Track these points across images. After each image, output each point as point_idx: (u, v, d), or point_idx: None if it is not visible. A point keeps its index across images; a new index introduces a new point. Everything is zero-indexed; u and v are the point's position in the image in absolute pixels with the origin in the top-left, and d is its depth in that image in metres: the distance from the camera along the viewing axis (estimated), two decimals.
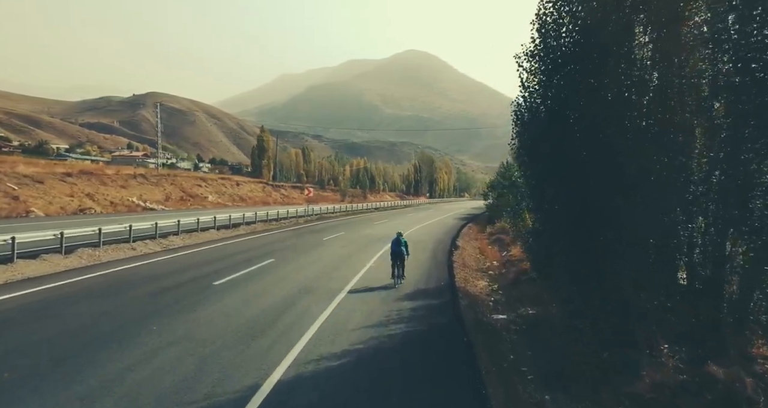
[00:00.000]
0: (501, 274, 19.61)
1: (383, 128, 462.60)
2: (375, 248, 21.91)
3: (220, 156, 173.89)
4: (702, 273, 7.77)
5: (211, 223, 27.47)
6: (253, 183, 66.60)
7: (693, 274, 7.95)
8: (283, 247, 21.20)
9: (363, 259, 18.41)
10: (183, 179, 52.21)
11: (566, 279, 9.99)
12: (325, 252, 20.12)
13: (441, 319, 10.71)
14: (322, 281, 13.74)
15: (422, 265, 17.94)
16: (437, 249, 23.23)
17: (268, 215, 34.94)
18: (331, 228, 32.44)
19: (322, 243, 23.21)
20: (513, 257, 21.74)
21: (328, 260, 17.82)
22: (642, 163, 8.28)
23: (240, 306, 10.48)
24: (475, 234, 35.36)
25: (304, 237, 25.94)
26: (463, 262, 20.82)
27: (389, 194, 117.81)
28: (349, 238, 26.08)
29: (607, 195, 8.67)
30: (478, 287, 16.40)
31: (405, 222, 39.94)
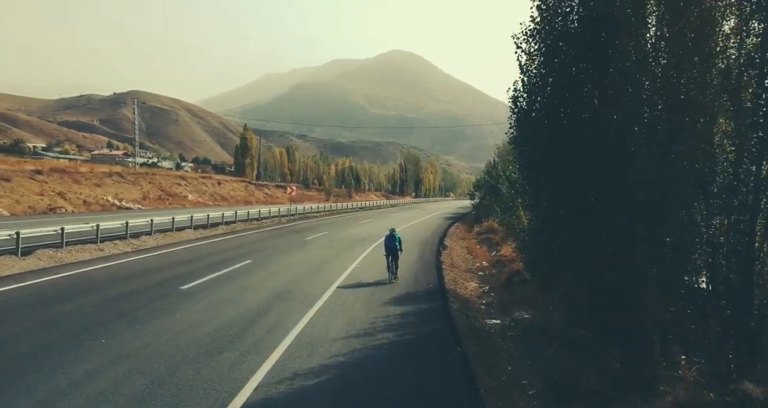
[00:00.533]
0: (492, 274, 18.73)
1: (369, 126, 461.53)
2: (359, 249, 20.87)
3: (204, 155, 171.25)
4: (726, 275, 6.89)
5: (187, 222, 26.15)
6: (235, 182, 65.03)
7: (716, 276, 7.07)
8: (263, 248, 20.03)
9: (347, 261, 17.35)
10: (162, 178, 50.54)
11: (570, 282, 9.12)
12: (307, 253, 19.00)
13: (431, 326, 9.72)
14: (301, 285, 12.65)
15: (410, 266, 16.95)
16: (425, 249, 22.27)
17: (248, 214, 33.64)
18: (314, 227, 31.31)
19: (304, 243, 22.09)
20: (503, 257, 20.87)
21: (309, 261, 16.71)
22: (655, 152, 7.41)
23: (207, 313, 9.35)
24: (463, 233, 34.53)
25: (286, 237, 24.78)
26: (451, 263, 19.90)
27: (375, 194, 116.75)
28: (332, 238, 24.99)
29: (615, 186, 7.78)
30: (468, 289, 15.48)
31: (390, 222, 38.92)
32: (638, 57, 7.55)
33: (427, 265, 17.77)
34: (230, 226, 29.58)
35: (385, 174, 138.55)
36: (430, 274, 16.08)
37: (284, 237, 24.69)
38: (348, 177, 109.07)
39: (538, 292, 13.84)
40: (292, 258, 17.42)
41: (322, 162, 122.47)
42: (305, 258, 17.55)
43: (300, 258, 17.50)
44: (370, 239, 24.71)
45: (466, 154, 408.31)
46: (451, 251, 23.64)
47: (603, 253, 8.15)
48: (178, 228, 25.09)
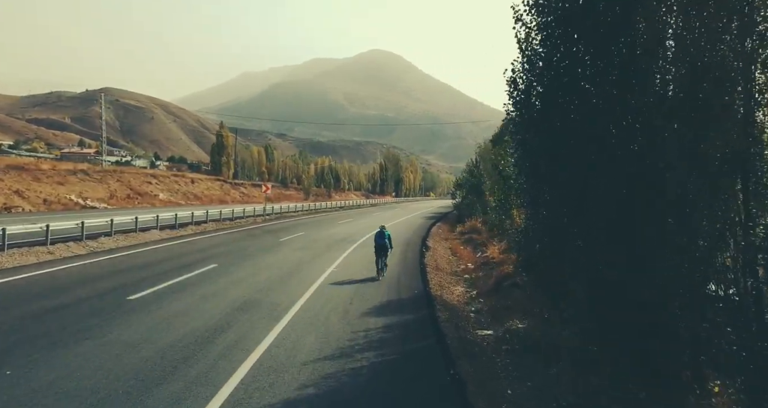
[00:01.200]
0: (479, 278, 17.54)
1: (349, 124, 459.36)
2: (338, 250, 19.47)
3: (180, 154, 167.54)
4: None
5: (153, 222, 24.39)
6: (210, 181, 62.89)
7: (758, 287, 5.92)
8: (232, 250, 18.47)
9: (323, 264, 15.92)
10: (131, 176, 48.28)
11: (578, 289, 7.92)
12: (281, 255, 17.52)
13: (418, 342, 8.41)
14: (270, 293, 11.20)
15: (392, 270, 15.63)
16: (407, 251, 20.98)
17: (221, 214, 31.93)
18: (290, 228, 29.77)
19: (278, 244, 20.58)
20: (490, 259, 19.71)
21: (282, 265, 15.24)
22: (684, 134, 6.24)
23: (152, 331, 7.85)
24: (446, 233, 33.41)
25: (260, 238, 23.23)
26: (436, 265, 18.66)
27: (355, 193, 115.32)
28: (309, 238, 23.52)
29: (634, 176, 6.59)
30: (455, 294, 14.25)
31: (371, 222, 37.59)
32: (661, 20, 6.38)
33: (410, 269, 16.48)
34: (201, 227, 27.88)
35: (365, 173, 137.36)
36: (415, 277, 14.80)
37: (257, 238, 23.13)
38: (327, 176, 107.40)
39: (531, 298, 12.69)
40: (264, 261, 15.91)
41: (301, 161, 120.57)
42: (278, 261, 16.07)
43: (272, 261, 16.00)
44: (350, 240, 23.34)
45: (446, 154, 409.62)
46: (434, 252, 22.44)
47: (614, 252, 6.96)
48: (143, 228, 23.36)
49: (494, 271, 17.64)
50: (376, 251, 14.34)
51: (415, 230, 31.66)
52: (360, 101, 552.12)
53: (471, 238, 29.58)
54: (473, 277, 17.71)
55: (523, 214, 11.12)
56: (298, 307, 9.91)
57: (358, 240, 23.31)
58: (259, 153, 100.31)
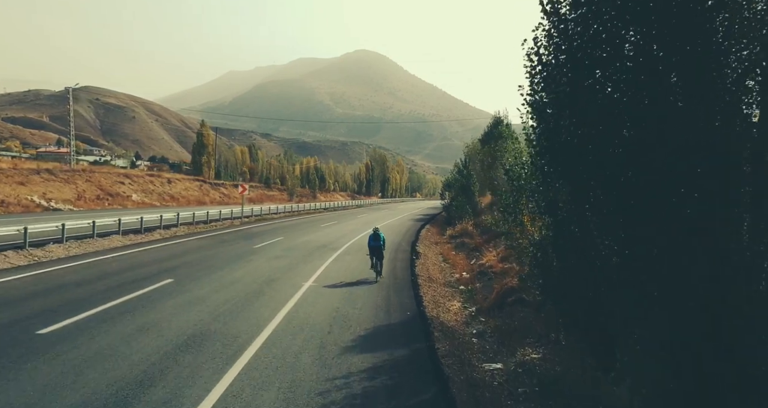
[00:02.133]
0: (476, 289, 15.59)
1: (335, 124, 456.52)
2: (319, 259, 17.35)
3: (163, 154, 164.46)
4: None
5: (114, 226, 22.04)
6: (188, 181, 60.19)
7: None
8: (196, 260, 16.21)
9: (300, 277, 13.79)
10: (102, 176, 45.52)
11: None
12: (252, 266, 15.30)
13: (415, 394, 6.36)
14: (229, 320, 9.05)
15: (381, 283, 13.60)
16: (396, 258, 18.95)
17: (194, 217, 29.59)
18: (269, 232, 27.55)
19: (251, 252, 18.35)
20: (487, 267, 17.77)
21: (251, 280, 13.05)
22: None
23: (47, 390, 5.67)
24: (435, 237, 31.50)
25: (232, 244, 20.99)
26: (428, 275, 16.67)
27: (340, 194, 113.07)
28: (287, 244, 21.33)
29: None
30: (452, 312, 12.27)
31: (356, 224, 35.52)
32: None
33: (400, 281, 14.42)
34: (170, 231, 25.54)
35: (351, 174, 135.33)
36: (406, 292, 12.77)
37: (229, 244, 20.88)
38: (313, 176, 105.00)
39: (541, 318, 10.76)
40: (230, 274, 13.69)
41: (286, 161, 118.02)
42: (247, 274, 13.87)
43: (240, 274, 13.78)
44: (332, 246, 21.23)
45: (432, 154, 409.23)
46: (425, 260, 20.46)
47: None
48: (103, 234, 21.02)
49: (493, 281, 15.73)
50: (371, 253, 14.26)
51: (404, 234, 29.66)
52: (346, 101, 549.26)
53: (463, 242, 27.74)
54: (470, 288, 15.76)
55: (537, 221, 9.21)
56: (261, 341, 7.78)
57: (341, 246, 21.22)
58: (243, 153, 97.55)
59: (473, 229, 31.64)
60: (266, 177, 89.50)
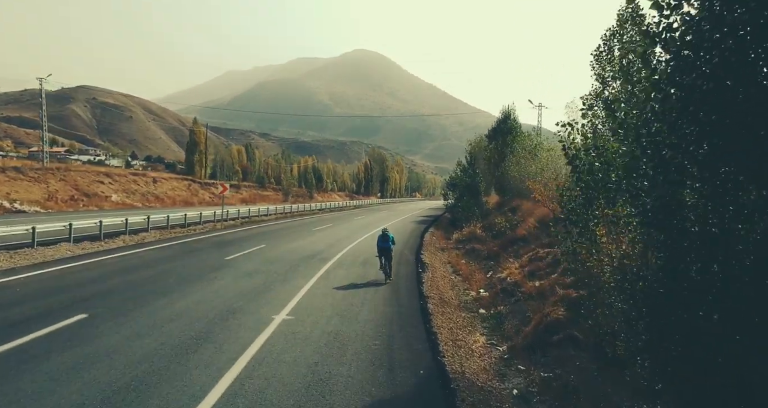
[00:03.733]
0: (500, 313, 12.26)
1: (334, 124, 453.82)
2: (303, 275, 13.89)
3: (160, 154, 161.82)
4: None
5: (65, 232, 18.67)
6: (175, 180, 56.74)
7: None
8: (142, 279, 12.71)
9: (272, 305, 10.29)
10: (78, 174, 42.06)
11: None
12: (212, 288, 11.79)
13: None
14: (150, 391, 5.71)
15: (382, 314, 10.16)
16: (400, 274, 15.50)
17: (168, 220, 26.20)
18: (252, 237, 24.14)
19: (219, 266, 14.88)
20: (517, 286, 14.36)
21: (201, 312, 9.51)
22: None
23: None
24: (441, 241, 28.14)
25: (200, 254, 17.54)
26: (439, 296, 13.27)
27: (338, 194, 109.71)
28: (269, 254, 17.89)
29: None
30: (476, 354, 8.89)
31: (353, 228, 32.13)
32: None
33: (406, 308, 11.00)
34: (138, 237, 22.17)
35: (349, 173, 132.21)
36: (414, 329, 9.34)
37: (198, 254, 17.43)
38: (310, 176, 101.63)
39: (617, 375, 7.40)
40: (176, 303, 10.14)
41: (283, 161, 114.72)
42: (200, 302, 10.32)
43: (190, 302, 10.23)
44: (323, 256, 17.84)
45: (431, 154, 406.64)
46: (433, 272, 17.05)
47: None
48: (49, 241, 17.66)
49: (523, 305, 12.39)
50: (380, 254, 13.82)
51: (406, 239, 26.27)
52: (345, 101, 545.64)
53: (473, 248, 24.40)
54: (493, 313, 12.39)
55: (623, 235, 5.90)
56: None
57: (332, 256, 17.82)
58: (239, 152, 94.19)
59: (482, 233, 28.36)
60: (260, 176, 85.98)
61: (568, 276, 12.83)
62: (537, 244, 18.61)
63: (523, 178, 32.06)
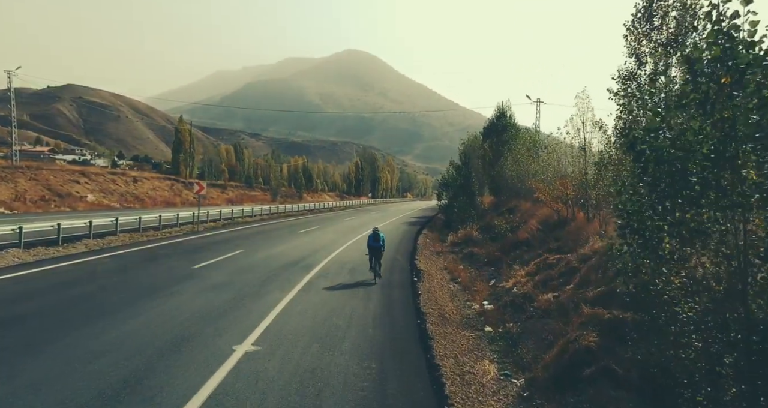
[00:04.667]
0: (509, 331, 10.43)
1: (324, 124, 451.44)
2: (280, 288, 11.88)
3: (147, 154, 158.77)
4: None
5: (13, 236, 16.56)
6: (158, 180, 54.43)
7: None
8: (90, 293, 10.64)
9: (235, 330, 8.26)
10: (51, 173, 39.70)
11: None
12: (167, 306, 9.70)
13: None
14: None
15: (371, 341, 8.21)
16: (393, 284, 13.59)
17: (140, 222, 24.11)
18: (230, 241, 22.15)
19: (183, 277, 12.81)
20: (528, 299, 12.51)
21: (141, 341, 7.43)
22: None
23: None
24: (436, 245, 26.30)
25: (170, 260, 15.53)
26: (438, 310, 11.42)
27: (328, 194, 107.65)
28: (245, 262, 15.88)
29: None
30: (488, 390, 7.05)
31: (341, 231, 30.24)
32: None
33: (400, 330, 9.08)
34: (104, 241, 20.11)
35: (340, 173, 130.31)
36: (413, 365, 7.40)
37: (163, 262, 15.37)
38: (299, 176, 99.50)
39: None
40: (119, 327, 8.03)
41: (273, 161, 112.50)
42: (150, 325, 8.27)
43: (137, 325, 8.19)
44: (306, 263, 15.90)
45: (422, 155, 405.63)
46: (429, 280, 15.19)
47: None
48: None
49: (536, 323, 10.60)
50: (370, 253, 13.81)
51: (399, 243, 24.40)
52: (336, 101, 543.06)
53: (471, 252, 22.63)
54: (501, 331, 10.56)
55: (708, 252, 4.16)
56: None
57: (317, 263, 15.89)
58: (228, 152, 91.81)
59: (479, 235, 26.65)
60: (248, 176, 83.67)
61: (588, 287, 11.05)
62: (544, 249, 16.84)
63: (522, 178, 30.44)
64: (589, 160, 16.93)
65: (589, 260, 12.53)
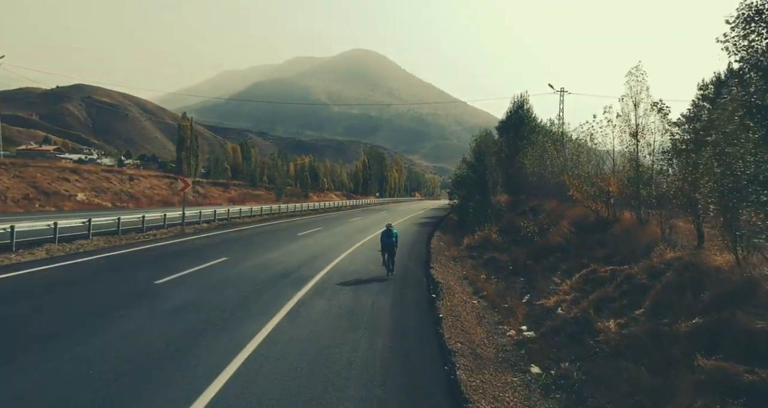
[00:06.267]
0: (567, 375, 7.61)
1: (331, 123, 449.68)
2: (263, 311, 8.99)
3: (156, 153, 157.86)
4: None
5: None
6: (156, 178, 51.99)
7: None
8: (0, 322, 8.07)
9: (183, 386, 5.49)
10: (38, 170, 37.26)
11: None
12: (98, 342, 6.88)
13: None
14: None
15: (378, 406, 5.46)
16: (406, 303, 10.72)
17: (119, 223, 21.49)
18: (217, 246, 19.44)
19: (143, 295, 10.01)
20: (582, 323, 9.63)
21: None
22: None
23: None
24: (451, 248, 23.51)
25: (133, 272, 12.73)
26: (468, 345, 8.58)
27: (335, 193, 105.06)
28: (225, 273, 13.06)
29: None
30: None
31: (346, 232, 27.48)
32: None
33: (421, 384, 6.29)
34: (73, 245, 17.48)
35: (347, 172, 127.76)
36: None
37: (124, 274, 12.55)
38: (305, 174, 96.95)
39: None
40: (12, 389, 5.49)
41: (280, 159, 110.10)
42: (50, 382, 5.53)
43: (29, 385, 5.54)
44: (301, 274, 13.09)
45: (430, 154, 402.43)
46: (450, 296, 12.33)
47: None
48: None
49: (606, 364, 7.77)
50: (383, 250, 13.88)
51: (411, 247, 21.60)
52: (343, 100, 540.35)
53: (493, 258, 19.86)
54: (555, 375, 7.76)
55: None
56: None
57: (313, 276, 13.04)
58: (235, 150, 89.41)
59: (498, 238, 23.80)
60: (252, 174, 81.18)
61: (670, 315, 8.19)
62: (587, 258, 13.91)
63: (546, 174, 27.63)
64: (641, 151, 14.06)
65: (663, 275, 9.65)
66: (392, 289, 12.01)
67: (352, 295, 10.84)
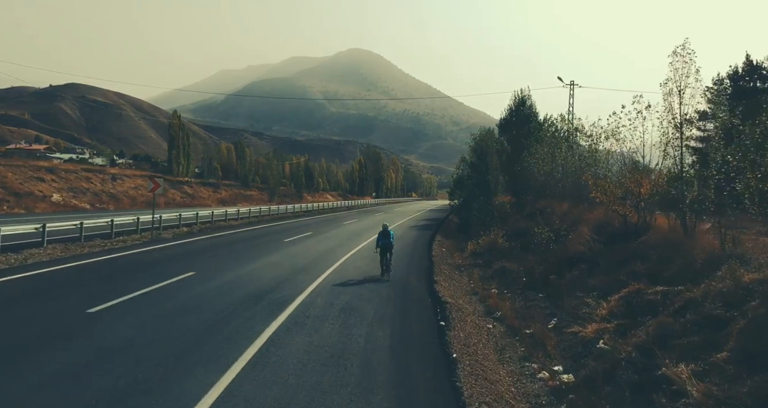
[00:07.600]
0: None
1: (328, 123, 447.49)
2: (217, 358, 6.49)
3: (150, 153, 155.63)
4: None
5: None
6: (141, 178, 49.47)
7: None
8: None
9: None
10: (11, 170, 34.78)
11: None
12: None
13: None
14: None
15: None
16: (409, 340, 8.26)
17: (81, 229, 19.12)
18: (188, 256, 17.05)
19: (56, 338, 7.57)
20: (633, 360, 7.37)
21: None
22: None
23: None
24: (454, 256, 21.31)
25: (64, 296, 10.30)
26: (494, 396, 6.23)
27: (330, 194, 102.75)
28: (187, 294, 10.65)
29: None
30: None
31: (339, 238, 25.15)
32: None
33: None
34: (20, 256, 15.11)
35: (343, 172, 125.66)
36: None
37: (51, 299, 10.06)
38: (300, 174, 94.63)
39: None
40: None
41: (275, 159, 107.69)
42: None
43: None
44: (279, 295, 10.66)
45: (426, 154, 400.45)
46: (462, 321, 10.00)
47: None
48: None
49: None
50: (380, 250, 14.18)
51: (411, 255, 19.29)
52: (339, 100, 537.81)
53: (503, 268, 17.58)
54: None
55: None
56: None
57: (295, 297, 10.62)
58: (229, 150, 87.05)
59: (506, 243, 21.56)
60: (244, 175, 78.72)
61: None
62: (625, 272, 11.61)
63: (554, 175, 25.50)
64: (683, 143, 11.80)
65: (745, 305, 7.39)
66: (391, 315, 9.69)
67: (339, 328, 8.48)
